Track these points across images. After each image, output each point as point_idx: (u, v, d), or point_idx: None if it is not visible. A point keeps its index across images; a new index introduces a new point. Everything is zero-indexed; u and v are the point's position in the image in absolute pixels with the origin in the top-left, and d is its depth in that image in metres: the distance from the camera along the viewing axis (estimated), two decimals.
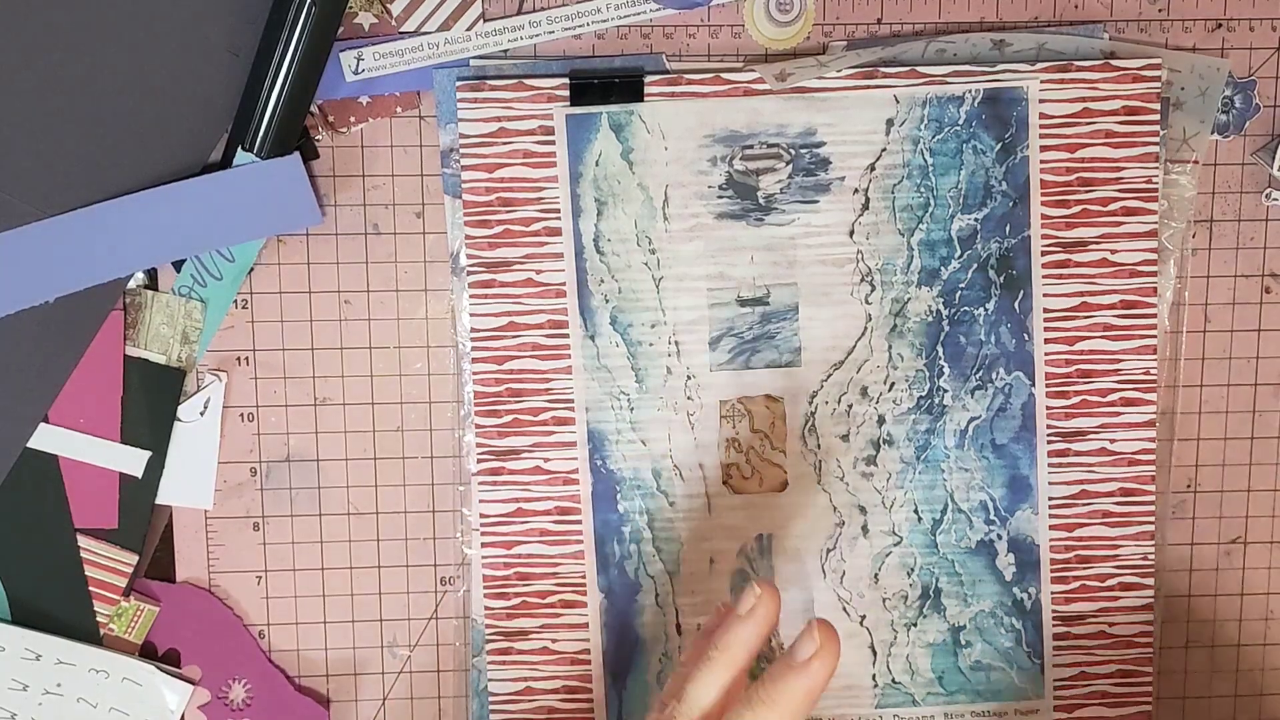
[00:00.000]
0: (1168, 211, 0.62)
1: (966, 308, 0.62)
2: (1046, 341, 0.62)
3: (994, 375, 0.62)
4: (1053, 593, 0.63)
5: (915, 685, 0.64)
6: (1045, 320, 0.62)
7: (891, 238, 0.61)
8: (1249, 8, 0.62)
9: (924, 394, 0.62)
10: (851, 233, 0.61)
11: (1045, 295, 0.62)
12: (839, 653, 0.51)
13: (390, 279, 0.62)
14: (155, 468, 0.61)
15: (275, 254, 0.61)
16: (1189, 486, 0.65)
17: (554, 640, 0.63)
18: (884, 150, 0.61)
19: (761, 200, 0.61)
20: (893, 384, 0.62)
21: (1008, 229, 0.61)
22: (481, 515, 0.62)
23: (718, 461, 0.62)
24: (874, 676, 0.64)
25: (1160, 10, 0.62)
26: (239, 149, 0.58)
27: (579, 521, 0.62)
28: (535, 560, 0.62)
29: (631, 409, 0.62)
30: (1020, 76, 0.60)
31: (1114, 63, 0.60)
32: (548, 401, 0.61)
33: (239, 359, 0.62)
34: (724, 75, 0.60)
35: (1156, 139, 0.61)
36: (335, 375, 0.62)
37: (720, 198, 0.61)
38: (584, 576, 0.62)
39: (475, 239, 0.61)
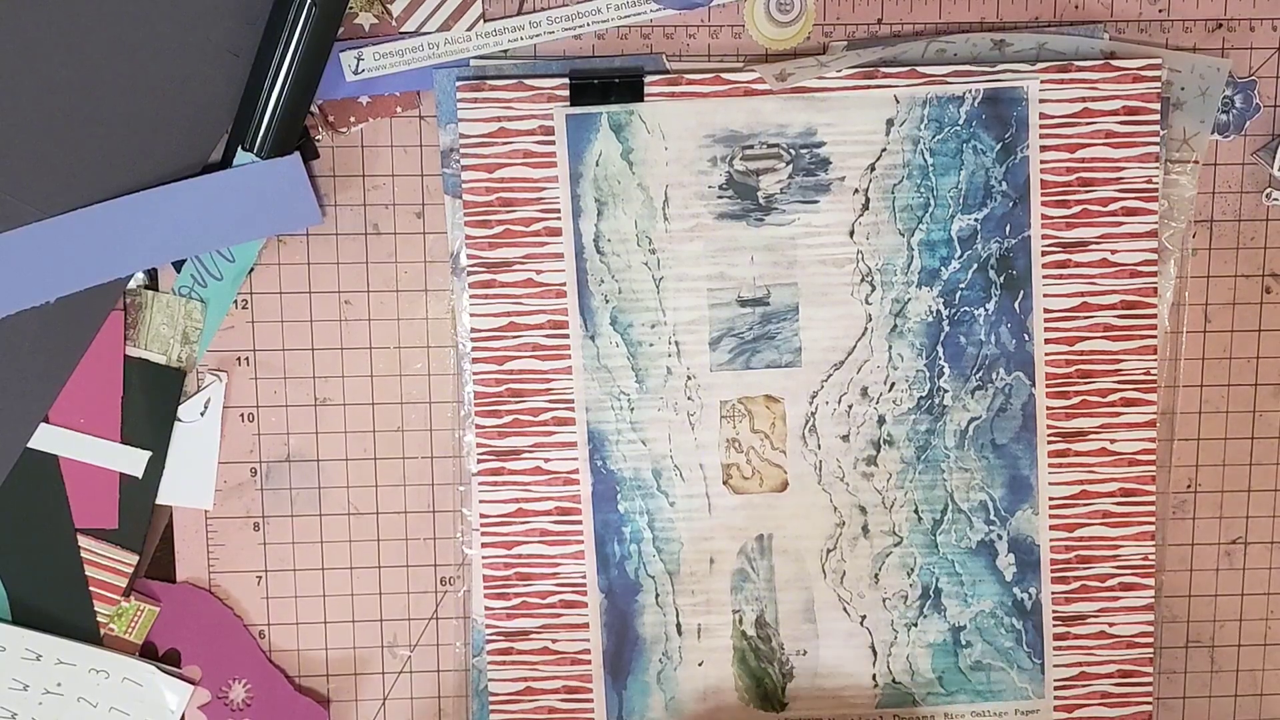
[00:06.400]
0: (1168, 211, 0.62)
1: (966, 308, 0.62)
2: (1046, 342, 0.62)
3: (994, 375, 0.62)
4: (1053, 593, 0.63)
5: (915, 685, 0.64)
6: (1045, 320, 0.62)
7: (891, 238, 0.61)
8: (1249, 8, 0.62)
9: (924, 394, 0.62)
10: (851, 233, 0.61)
11: (1045, 295, 0.62)
12: None
13: (390, 279, 0.62)
14: (155, 468, 0.61)
15: (275, 254, 0.61)
16: (1189, 486, 0.65)
17: (554, 640, 0.63)
18: (884, 150, 0.61)
19: (761, 200, 0.61)
20: (893, 384, 0.62)
21: (1008, 229, 0.61)
22: (481, 515, 0.62)
23: (718, 461, 0.62)
24: (874, 676, 0.64)
25: (1160, 10, 0.62)
26: (239, 149, 0.58)
27: (579, 521, 0.62)
28: (535, 560, 0.62)
29: (631, 409, 0.62)
30: (1020, 76, 0.60)
31: (1114, 63, 0.60)
32: (548, 402, 0.61)
33: (239, 359, 0.62)
34: (724, 75, 0.60)
35: (1156, 139, 0.61)
36: (335, 375, 0.62)
37: (720, 198, 0.61)
38: (584, 576, 0.62)
39: (475, 239, 0.61)
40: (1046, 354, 0.62)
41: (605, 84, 0.60)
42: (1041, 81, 0.60)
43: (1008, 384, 0.62)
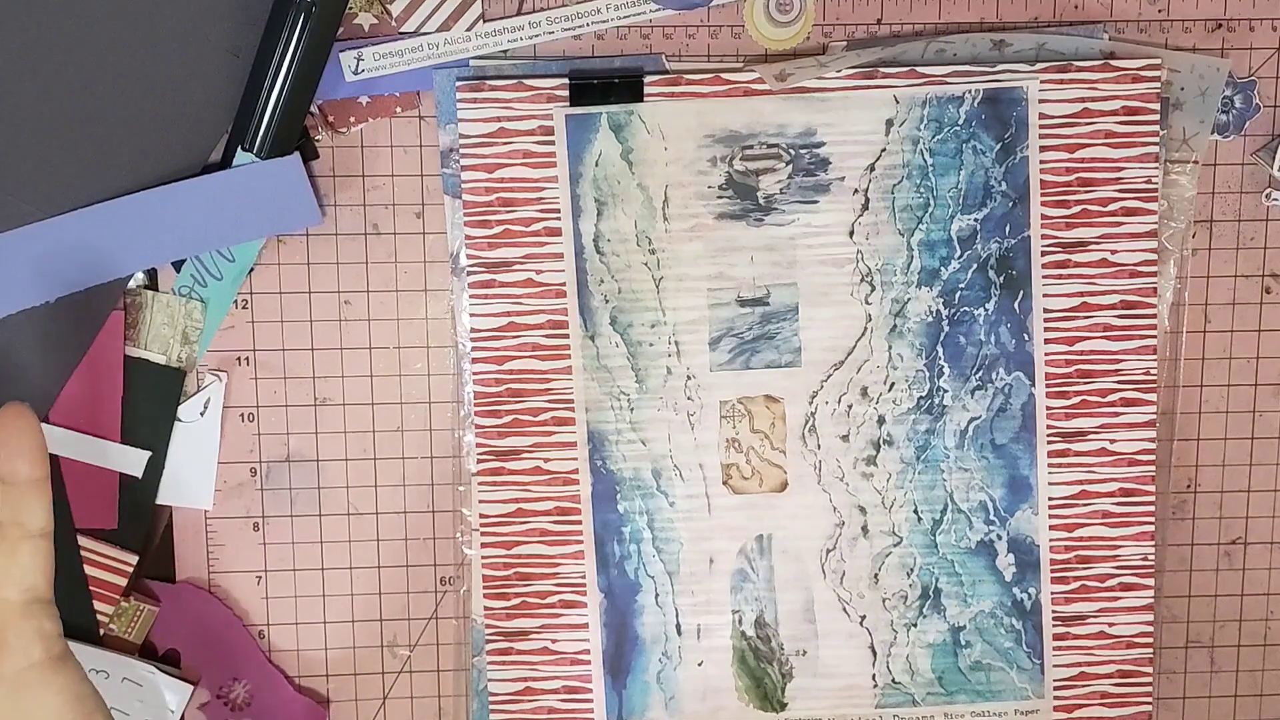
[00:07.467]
0: (1168, 211, 0.62)
1: (966, 308, 0.62)
2: (1046, 342, 0.62)
3: (994, 375, 0.62)
4: (1053, 593, 0.63)
5: (915, 685, 0.64)
6: (1045, 320, 0.62)
7: (891, 238, 0.61)
8: (1249, 8, 0.62)
9: (924, 394, 0.62)
10: (851, 233, 0.61)
11: (1045, 295, 0.62)
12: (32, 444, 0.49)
13: (390, 279, 0.62)
14: (155, 468, 0.61)
15: (275, 254, 0.61)
16: (1189, 486, 0.65)
17: (554, 640, 0.63)
18: (884, 150, 0.61)
19: (761, 200, 0.61)
20: (893, 384, 0.62)
21: (1007, 229, 0.61)
22: (481, 515, 0.62)
23: (718, 461, 0.62)
24: (874, 676, 0.64)
25: (1160, 10, 0.62)
26: (239, 149, 0.58)
27: (579, 521, 0.62)
28: (535, 560, 0.62)
29: (631, 409, 0.62)
30: (1020, 76, 0.60)
31: (1114, 63, 0.61)
32: (548, 401, 0.61)
33: (239, 359, 0.62)
34: (724, 75, 0.60)
35: (1156, 139, 0.61)
36: (335, 375, 0.62)
37: (720, 198, 0.61)
38: (584, 576, 0.62)
39: (475, 239, 0.61)
40: (1046, 354, 0.62)
41: (605, 84, 0.60)
42: (1041, 82, 0.60)
43: (1007, 384, 0.62)
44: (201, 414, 0.61)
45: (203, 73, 0.58)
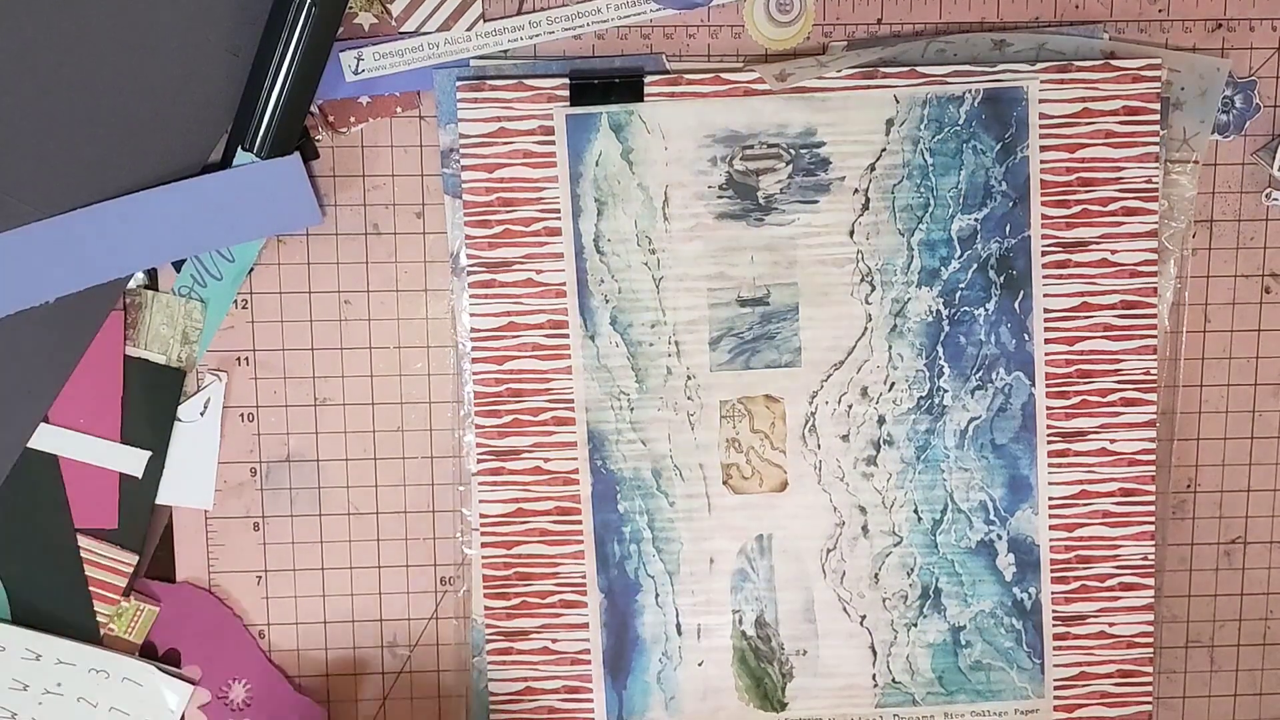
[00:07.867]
0: (1168, 211, 0.62)
1: (966, 308, 0.62)
2: (1046, 341, 0.62)
3: (994, 375, 0.62)
4: (1053, 593, 0.63)
5: (915, 685, 0.64)
6: (1045, 320, 0.62)
7: (891, 238, 0.61)
8: (1249, 8, 0.62)
9: (924, 394, 0.62)
10: (851, 233, 0.61)
11: (1045, 295, 0.62)
12: None
13: (390, 279, 0.62)
14: (155, 468, 0.61)
15: (275, 254, 0.61)
16: (1189, 486, 0.65)
17: (554, 640, 0.63)
18: (884, 150, 0.61)
19: (761, 200, 0.61)
20: (893, 384, 0.62)
21: (1008, 229, 0.61)
22: (481, 515, 0.62)
23: (718, 461, 0.62)
24: (874, 676, 0.64)
25: (1160, 10, 0.62)
26: (239, 149, 0.58)
27: (579, 521, 0.62)
28: (535, 560, 0.62)
29: (631, 409, 0.62)
30: (1020, 76, 0.60)
31: (1114, 63, 0.61)
32: (548, 401, 0.61)
33: (239, 359, 0.62)
34: (724, 75, 0.60)
35: (1156, 139, 0.61)
36: (335, 375, 0.62)
37: (720, 198, 0.61)
38: (584, 576, 0.62)
39: (475, 239, 0.61)
40: (1046, 354, 0.62)
41: (605, 84, 0.60)
42: (1041, 81, 0.60)
43: (1007, 384, 0.62)
44: (201, 414, 0.61)
45: (203, 73, 0.58)
